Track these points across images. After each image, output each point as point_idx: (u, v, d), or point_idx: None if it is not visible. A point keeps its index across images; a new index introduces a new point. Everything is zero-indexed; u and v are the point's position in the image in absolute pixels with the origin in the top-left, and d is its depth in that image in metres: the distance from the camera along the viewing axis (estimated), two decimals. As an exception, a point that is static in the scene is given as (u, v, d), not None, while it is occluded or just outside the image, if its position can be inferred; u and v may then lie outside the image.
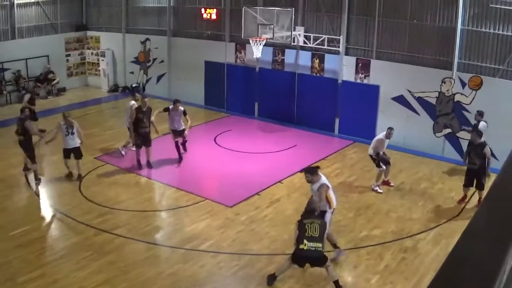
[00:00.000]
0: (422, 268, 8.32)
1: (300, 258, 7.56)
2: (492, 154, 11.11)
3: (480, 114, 12.23)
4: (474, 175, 10.63)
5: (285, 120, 17.04)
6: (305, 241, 7.41)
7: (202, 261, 8.44)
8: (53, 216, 10.16)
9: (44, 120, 15.45)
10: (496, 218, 1.44)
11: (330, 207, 8.37)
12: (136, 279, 7.84)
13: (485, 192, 11.49)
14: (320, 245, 7.43)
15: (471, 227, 1.38)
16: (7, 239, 8.96)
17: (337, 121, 16.19)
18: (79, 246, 8.78)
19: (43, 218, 10.14)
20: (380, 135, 11.74)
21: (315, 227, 7.46)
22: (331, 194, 8.40)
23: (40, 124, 14.64)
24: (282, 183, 11.95)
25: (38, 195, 11.11)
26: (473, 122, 13.28)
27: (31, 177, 11.71)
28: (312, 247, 7.38)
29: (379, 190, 11.56)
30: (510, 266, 1.35)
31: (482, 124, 12.11)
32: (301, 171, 8.73)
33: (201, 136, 15.07)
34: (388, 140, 11.67)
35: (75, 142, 11.74)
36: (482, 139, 10.94)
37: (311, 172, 8.42)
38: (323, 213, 8.14)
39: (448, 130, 14.03)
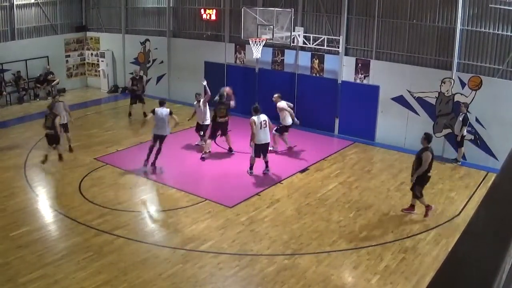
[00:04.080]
0: (422, 268, 8.33)
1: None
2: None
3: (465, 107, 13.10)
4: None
5: (285, 120, 17.00)
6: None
7: (202, 262, 8.45)
8: (53, 217, 10.15)
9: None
10: (496, 217, 1.45)
11: (251, 140, 11.98)
12: (136, 279, 7.85)
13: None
14: None
15: (470, 226, 1.39)
16: (7, 239, 8.98)
17: (337, 121, 16.19)
18: (79, 247, 8.79)
19: (43, 219, 10.14)
20: None
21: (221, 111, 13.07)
22: (256, 130, 11.85)
23: (38, 125, 14.60)
24: (282, 183, 11.95)
25: (37, 195, 11.13)
26: (473, 122, 13.33)
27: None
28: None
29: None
30: (509, 265, 1.36)
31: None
32: (301, 171, 9.09)
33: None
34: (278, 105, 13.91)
35: None
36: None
37: (254, 109, 12.27)
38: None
39: (448, 130, 14.03)
